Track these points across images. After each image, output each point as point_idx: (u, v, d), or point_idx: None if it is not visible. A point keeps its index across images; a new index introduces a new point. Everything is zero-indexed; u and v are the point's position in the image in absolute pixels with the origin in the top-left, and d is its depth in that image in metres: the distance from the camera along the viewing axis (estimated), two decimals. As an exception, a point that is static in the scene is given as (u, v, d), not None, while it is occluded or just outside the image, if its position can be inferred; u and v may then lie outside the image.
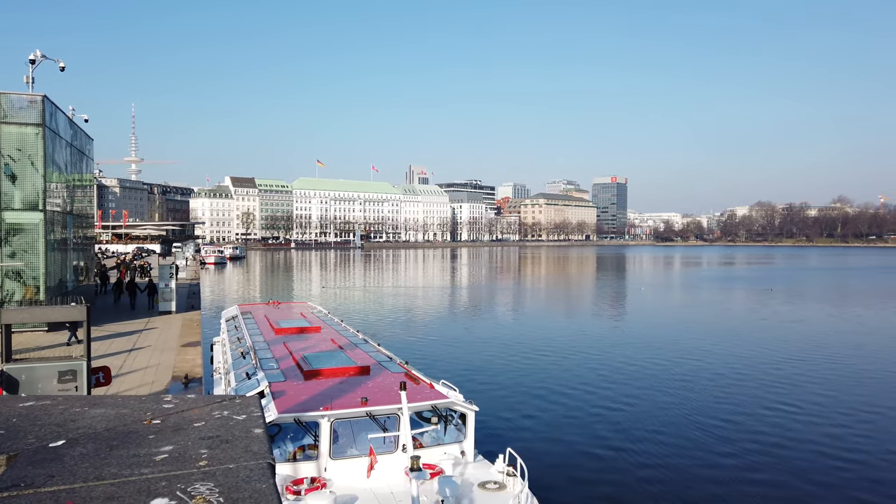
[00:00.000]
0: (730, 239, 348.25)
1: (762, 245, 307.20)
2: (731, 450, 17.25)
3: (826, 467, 16.01)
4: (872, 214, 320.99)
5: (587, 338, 36.37)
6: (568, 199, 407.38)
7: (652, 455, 16.85)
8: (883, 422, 19.89)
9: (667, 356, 30.36)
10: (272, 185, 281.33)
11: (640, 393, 23.28)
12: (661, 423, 19.64)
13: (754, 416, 20.43)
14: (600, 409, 21.23)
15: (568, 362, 29.00)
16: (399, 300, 59.08)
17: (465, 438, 12.05)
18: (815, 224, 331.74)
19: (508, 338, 36.53)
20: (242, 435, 2.38)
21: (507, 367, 28.07)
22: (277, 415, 10.64)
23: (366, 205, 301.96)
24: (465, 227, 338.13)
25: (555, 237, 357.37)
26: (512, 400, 22.38)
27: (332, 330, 19.60)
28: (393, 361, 15.06)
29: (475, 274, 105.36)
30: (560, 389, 23.83)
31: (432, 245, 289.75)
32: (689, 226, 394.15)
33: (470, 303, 58.47)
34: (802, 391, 23.60)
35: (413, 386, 12.50)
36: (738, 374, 26.47)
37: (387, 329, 39.01)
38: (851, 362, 29.11)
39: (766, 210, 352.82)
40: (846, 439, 18.12)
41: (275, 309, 25.17)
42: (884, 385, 24.74)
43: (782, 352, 31.54)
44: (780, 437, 18.22)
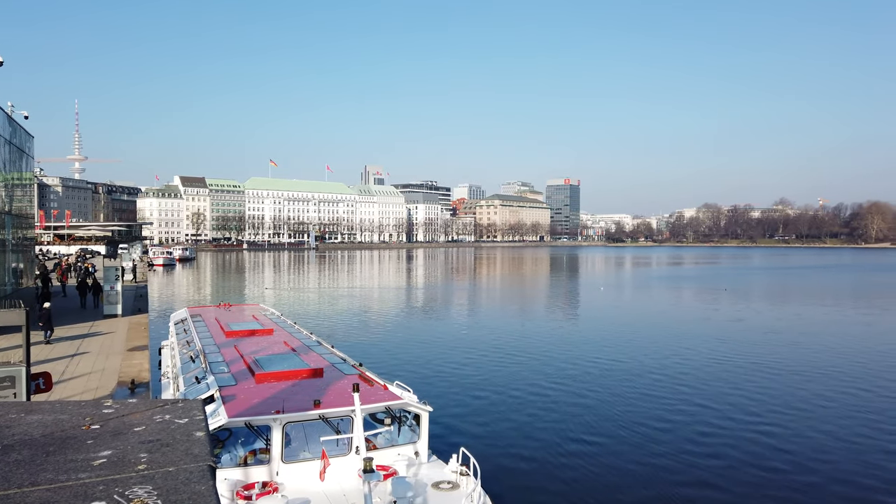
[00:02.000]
0: (678, 240, 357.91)
1: (709, 245, 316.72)
2: (679, 448, 17.75)
3: (763, 461, 16.65)
4: (812, 216, 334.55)
5: (541, 338, 36.85)
6: (522, 200, 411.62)
7: (602, 453, 17.21)
8: (820, 417, 20.80)
9: (620, 356, 31.02)
10: (223, 184, 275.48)
11: (592, 392, 23.73)
12: (611, 421, 20.07)
13: (705, 414, 21.07)
14: (552, 408, 21.56)
15: (522, 362, 29.33)
16: (354, 302, 58.68)
17: (419, 439, 12.10)
18: (758, 225, 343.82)
19: (463, 338, 36.72)
20: (183, 438, 2.37)
21: (461, 367, 28.22)
22: (228, 419, 10.47)
23: (320, 205, 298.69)
24: (420, 227, 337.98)
25: (510, 238, 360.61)
26: (466, 400, 22.53)
27: (284, 332, 19.37)
28: (346, 363, 14.99)
29: (431, 275, 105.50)
30: (514, 389, 24.09)
31: (388, 246, 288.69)
32: (639, 227, 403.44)
33: (425, 304, 58.53)
34: (743, 388, 24.46)
35: (366, 388, 12.49)
36: (690, 373, 27.23)
37: (341, 331, 38.71)
38: (791, 358, 30.30)
39: (713, 211, 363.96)
40: (785, 436, 18.88)
41: (226, 311, 24.71)
42: (818, 381, 25.84)
43: (728, 349, 32.61)
44: (728, 437, 18.85)
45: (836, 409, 21.48)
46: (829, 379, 25.89)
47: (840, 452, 17.17)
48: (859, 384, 24.94)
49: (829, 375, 26.52)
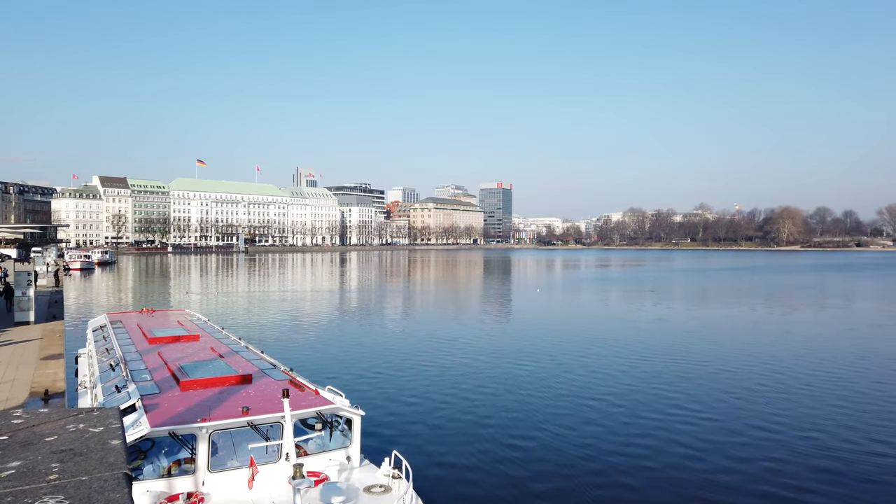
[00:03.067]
0: (606, 243, 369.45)
1: (634, 248, 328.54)
2: (601, 444, 18.33)
3: (678, 455, 17.43)
4: (729, 220, 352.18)
5: (476, 340, 37.21)
6: (456, 203, 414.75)
7: (532, 451, 17.56)
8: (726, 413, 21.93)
9: (553, 357, 31.71)
10: (147, 185, 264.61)
11: (523, 393, 24.17)
12: (539, 420, 20.50)
13: (628, 412, 21.82)
14: (485, 408, 21.82)
15: (456, 364, 29.55)
16: (285, 305, 57.55)
17: (351, 443, 12.02)
18: (680, 228, 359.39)
19: (398, 342, 36.65)
20: (98, 447, 2.29)
21: (395, 370, 28.16)
22: (150, 429, 10.11)
23: (250, 207, 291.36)
24: (354, 230, 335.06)
25: (444, 241, 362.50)
26: (400, 403, 22.51)
27: (211, 338, 18.82)
28: (276, 369, 14.72)
29: (365, 278, 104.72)
30: (447, 391, 24.24)
31: (321, 249, 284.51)
32: (569, 230, 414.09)
33: (359, 307, 58.06)
34: (667, 386, 25.52)
35: (297, 393, 12.32)
36: (617, 373, 28.15)
37: (271, 336, 37.90)
38: (708, 356, 31.80)
39: (638, 216, 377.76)
40: (698, 431, 19.81)
41: (149, 317, 23.79)
42: (729, 376, 27.25)
43: (651, 349, 33.91)
44: (648, 432, 19.60)
45: (744, 403, 22.69)
46: (739, 374, 27.30)
47: (738, 447, 18.16)
48: (766, 380, 26.43)
49: (740, 371, 27.97)
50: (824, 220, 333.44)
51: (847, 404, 22.44)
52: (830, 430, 19.32)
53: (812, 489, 14.94)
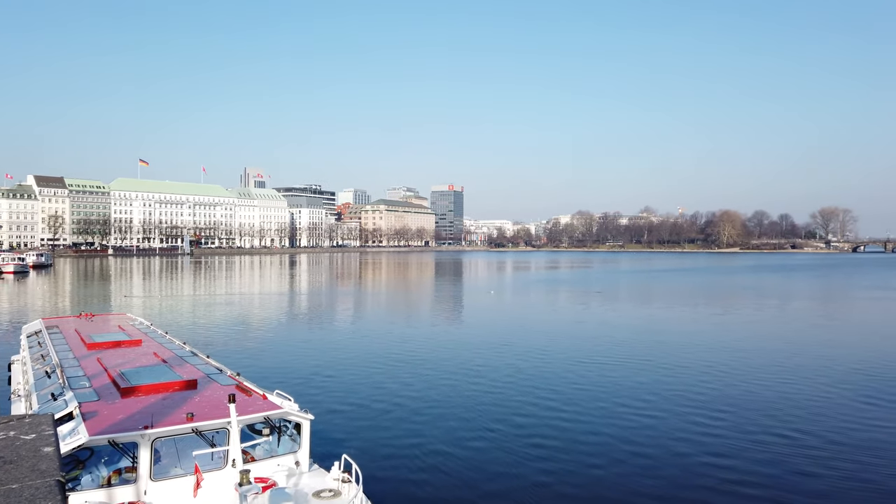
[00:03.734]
0: (555, 245, 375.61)
1: (582, 250, 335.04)
2: (554, 443, 18.63)
3: (621, 453, 17.90)
4: (673, 223, 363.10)
5: (424, 341, 37.22)
6: (408, 205, 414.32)
7: (482, 451, 17.69)
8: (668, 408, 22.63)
9: (501, 357, 32.02)
10: (86, 185, 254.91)
11: (473, 393, 24.32)
12: (491, 420, 20.67)
13: (581, 411, 22.23)
14: (435, 409, 21.86)
15: (404, 366, 29.49)
16: (232, 309, 56.31)
17: (300, 448, 11.89)
18: (626, 231, 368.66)
19: (347, 344, 36.35)
20: (30, 455, 2.20)
21: (345, 373, 27.93)
22: (88, 437, 9.76)
23: (196, 208, 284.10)
24: (304, 232, 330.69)
25: (395, 243, 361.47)
26: (351, 406, 22.33)
27: (154, 343, 18.28)
28: (223, 374, 14.43)
29: (314, 280, 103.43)
30: (397, 393, 24.19)
31: (270, 251, 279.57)
32: (519, 232, 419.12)
33: (308, 310, 57.31)
34: (611, 385, 26.14)
35: (244, 398, 12.11)
36: (566, 370, 28.63)
37: (218, 340, 37.04)
38: (652, 354, 32.73)
39: (586, 218, 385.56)
40: (641, 427, 20.36)
41: (88, 322, 22.92)
42: (666, 374, 28.12)
43: (601, 349, 34.66)
44: (589, 430, 20.03)
45: (686, 399, 23.45)
46: (681, 371, 28.19)
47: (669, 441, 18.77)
48: (705, 377, 27.38)
49: (682, 368, 28.89)
50: (762, 223, 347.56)
51: (780, 399, 23.43)
52: (763, 423, 20.15)
53: (749, 482, 15.54)
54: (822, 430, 19.64)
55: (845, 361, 30.82)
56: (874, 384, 25.82)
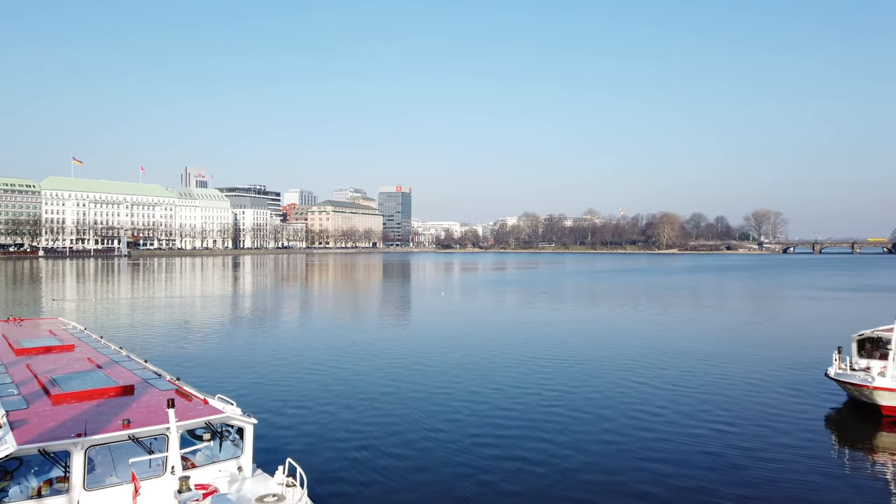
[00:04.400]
0: (502, 246, 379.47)
1: (528, 251, 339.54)
2: (495, 443, 18.91)
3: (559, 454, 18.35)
4: (615, 225, 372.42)
5: (371, 343, 37.08)
6: (355, 206, 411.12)
7: (428, 452, 17.81)
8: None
9: (448, 358, 32.25)
10: (14, 184, 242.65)
11: (419, 394, 24.44)
12: (436, 421, 20.82)
13: (524, 412, 22.62)
14: (381, 411, 21.86)
15: (351, 368, 29.35)
16: (172, 312, 54.71)
17: (243, 453, 11.73)
18: (570, 233, 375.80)
19: (293, 347, 35.86)
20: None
21: (291, 376, 27.58)
22: (17, 446, 9.40)
23: (133, 209, 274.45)
24: (248, 233, 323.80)
25: (342, 244, 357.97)
26: (295, 409, 22.08)
27: (88, 348, 17.67)
28: (161, 378, 14.09)
29: (258, 282, 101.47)
30: (344, 395, 24.07)
31: (212, 253, 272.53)
32: (467, 234, 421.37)
33: (252, 313, 56.20)
34: (554, 384, 26.71)
35: (184, 403, 11.88)
36: (510, 370, 29.06)
37: (157, 344, 35.97)
38: (595, 354, 33.57)
39: (532, 220, 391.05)
40: (578, 424, 20.90)
41: (16, 327, 21.94)
42: (602, 371, 28.94)
43: (541, 348, 35.29)
44: (527, 429, 20.44)
45: (625, 397, 24.19)
46: (620, 370, 29.06)
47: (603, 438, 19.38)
48: (642, 376, 28.30)
49: (622, 367, 29.78)
50: (699, 225, 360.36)
51: (714, 395, 24.44)
52: (698, 417, 20.99)
53: (684, 474, 16.17)
54: (751, 425, 20.59)
55: (774, 359, 32.34)
56: (797, 378, 27.20)
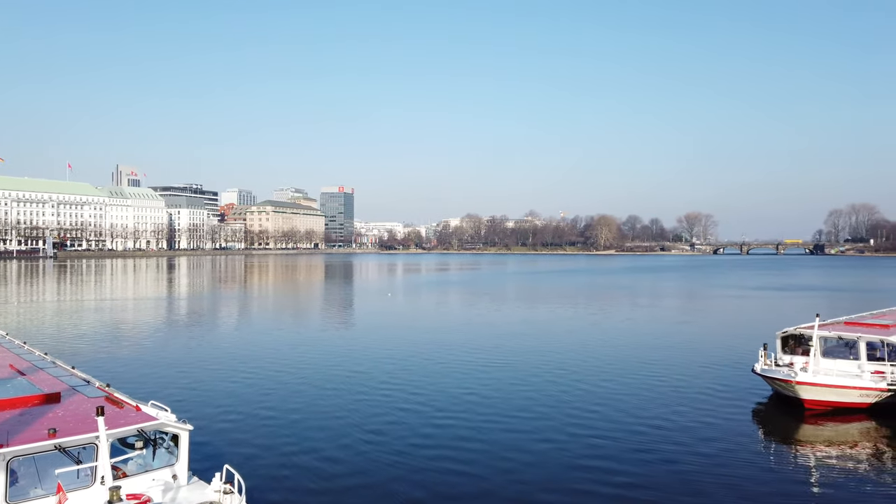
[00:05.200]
0: (445, 247, 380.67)
1: (471, 252, 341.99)
2: (435, 443, 18.98)
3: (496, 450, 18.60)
4: (555, 227, 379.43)
5: (310, 346, 36.62)
6: (296, 207, 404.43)
7: (365, 455, 17.73)
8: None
9: (389, 359, 32.18)
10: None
11: (359, 398, 24.30)
12: (374, 424, 20.75)
13: (464, 415, 22.79)
14: (320, 415, 21.64)
15: (291, 371, 28.93)
16: (102, 316, 52.48)
17: (178, 461, 11.39)
18: (512, 234, 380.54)
19: (231, 351, 35.00)
20: None
21: (229, 380, 26.93)
22: (-69, 460, 8.82)
23: (60, 208, 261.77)
24: (184, 234, 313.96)
25: (283, 245, 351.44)
26: (233, 414, 21.58)
27: (10, 354, 16.77)
28: (90, 385, 13.52)
29: (195, 284, 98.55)
30: (283, 399, 23.70)
31: (145, 254, 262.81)
32: (410, 235, 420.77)
33: (188, 316, 54.50)
34: (493, 385, 27.03)
35: (114, 410, 11.45)
36: (453, 373, 29.22)
37: (85, 349, 34.45)
38: (534, 354, 34.15)
39: (474, 221, 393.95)
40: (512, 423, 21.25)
41: (-72, 333, 20.56)
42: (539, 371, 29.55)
43: (482, 349, 35.66)
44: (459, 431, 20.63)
45: (562, 396, 24.74)
46: (556, 370, 29.70)
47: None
48: (577, 374, 29.02)
49: (558, 367, 30.44)
50: (635, 227, 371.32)
51: (646, 392, 25.26)
52: (633, 415, 21.67)
53: (620, 470, 16.65)
54: (683, 421, 21.38)
55: (704, 356, 33.67)
56: (727, 374, 28.43)
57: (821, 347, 23.76)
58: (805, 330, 25.02)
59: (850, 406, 22.13)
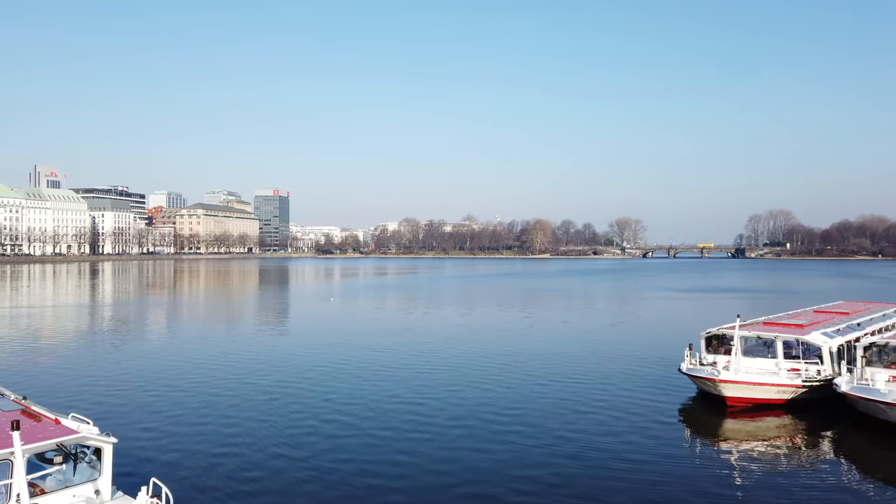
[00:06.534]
0: (382, 251, 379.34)
1: (409, 256, 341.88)
2: (361, 447, 18.90)
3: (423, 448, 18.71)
4: (492, 231, 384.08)
5: (238, 354, 35.70)
6: (229, 210, 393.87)
7: (297, 462, 17.45)
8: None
9: (325, 366, 31.81)
10: None
11: (289, 406, 23.90)
12: (301, 433, 20.45)
13: (391, 420, 22.72)
14: (250, 423, 21.15)
15: (222, 380, 28.16)
16: (18, 324, 49.56)
17: (101, 475, 10.94)
18: (450, 238, 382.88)
19: (157, 359, 33.72)
20: None
21: (155, 391, 25.94)
22: None
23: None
24: (108, 238, 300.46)
25: (215, 250, 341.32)
26: (160, 425, 20.81)
27: (-87, 367, 15.63)
28: (5, 398, 12.84)
29: (120, 290, 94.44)
30: (210, 408, 23.03)
31: (66, 259, 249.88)
32: (347, 239, 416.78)
33: (113, 324, 52.11)
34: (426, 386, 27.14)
35: (31, 424, 10.88)
36: (385, 378, 29.13)
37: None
38: (477, 356, 34.47)
39: (412, 226, 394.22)
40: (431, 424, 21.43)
41: None
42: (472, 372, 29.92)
43: (422, 352, 35.73)
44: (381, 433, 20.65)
45: (490, 397, 25.08)
46: (485, 371, 30.10)
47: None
48: (502, 377, 29.50)
49: (487, 368, 30.84)
50: (569, 231, 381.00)
51: (571, 396, 25.92)
52: (556, 419, 22.19)
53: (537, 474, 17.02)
54: (612, 420, 22.03)
55: (633, 356, 34.81)
56: (655, 374, 29.50)
57: (741, 347, 24.96)
58: (727, 330, 26.24)
59: (769, 402, 23.35)
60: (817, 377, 23.44)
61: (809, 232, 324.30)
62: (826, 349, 24.16)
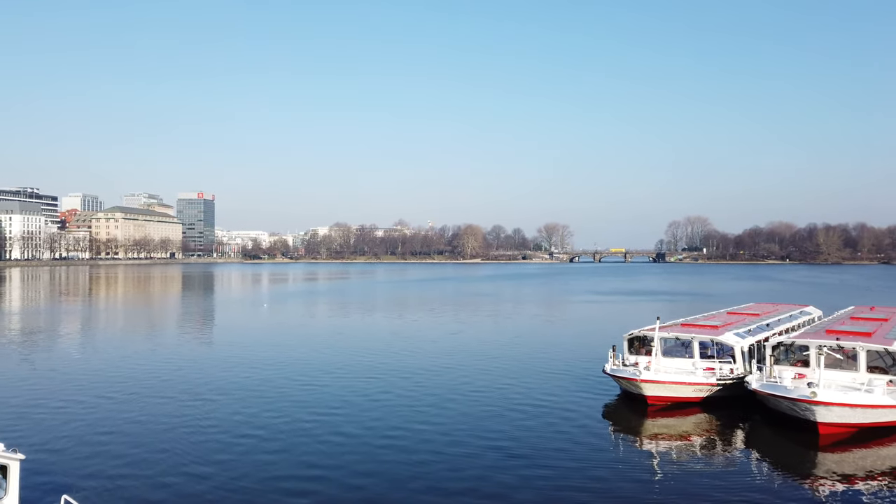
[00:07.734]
0: (313, 256, 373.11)
1: (340, 262, 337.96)
2: (287, 453, 18.60)
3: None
4: (424, 236, 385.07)
5: (154, 363, 34.35)
6: (150, 213, 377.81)
7: (210, 477, 16.96)
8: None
9: (242, 377, 31.01)
10: None
11: (206, 418, 23.20)
12: (222, 445, 19.93)
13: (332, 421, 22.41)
14: (167, 435, 20.42)
15: (135, 392, 26.97)
16: (-89, 337, 45.75)
17: (7, 494, 10.32)
18: (381, 243, 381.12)
19: (68, 371, 31.98)
20: None
21: (67, 404, 24.58)
22: None
23: None
24: (17, 242, 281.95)
25: (135, 255, 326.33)
26: (69, 440, 19.73)
27: None
28: None
29: (29, 298, 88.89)
30: (123, 422, 22.07)
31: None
32: (276, 244, 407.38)
33: (19, 334, 48.91)
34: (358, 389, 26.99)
35: (-73, 442, 10.08)
36: (319, 385, 28.72)
37: None
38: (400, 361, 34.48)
39: (343, 230, 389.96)
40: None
41: None
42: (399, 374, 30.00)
43: (347, 361, 35.42)
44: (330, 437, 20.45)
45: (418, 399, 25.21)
46: (416, 376, 30.21)
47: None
48: (433, 381, 29.73)
49: (420, 373, 30.96)
50: (499, 236, 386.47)
51: (503, 400, 26.37)
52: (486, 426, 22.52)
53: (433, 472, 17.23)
54: (538, 420, 22.51)
55: (560, 358, 35.72)
56: (580, 375, 30.36)
57: (661, 347, 26.02)
58: (648, 332, 27.31)
59: (686, 400, 24.45)
60: (730, 376, 24.74)
61: (724, 237, 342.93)
62: (738, 349, 25.53)
